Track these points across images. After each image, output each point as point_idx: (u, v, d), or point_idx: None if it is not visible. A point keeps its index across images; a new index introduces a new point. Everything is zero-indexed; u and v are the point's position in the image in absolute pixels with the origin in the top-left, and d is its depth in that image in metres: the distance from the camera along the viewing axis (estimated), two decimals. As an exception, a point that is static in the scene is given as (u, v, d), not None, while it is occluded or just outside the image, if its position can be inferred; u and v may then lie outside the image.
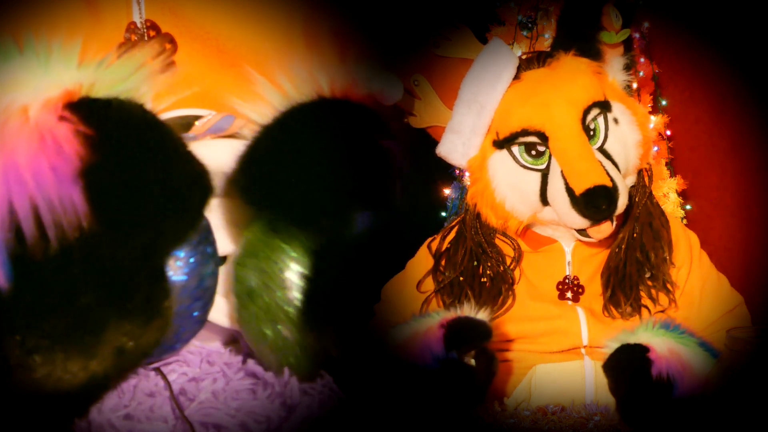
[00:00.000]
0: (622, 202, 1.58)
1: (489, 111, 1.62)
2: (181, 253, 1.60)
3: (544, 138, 1.59)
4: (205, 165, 1.57)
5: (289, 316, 1.64)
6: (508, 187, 1.62)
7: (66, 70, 1.46)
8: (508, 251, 1.69)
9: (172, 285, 1.57)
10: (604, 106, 1.62)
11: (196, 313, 1.65)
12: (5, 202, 1.39)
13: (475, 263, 1.68)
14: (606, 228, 1.58)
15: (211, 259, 1.66)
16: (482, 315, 1.52)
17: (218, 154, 1.72)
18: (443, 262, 1.70)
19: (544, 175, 1.60)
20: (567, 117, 1.58)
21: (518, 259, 1.68)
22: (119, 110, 1.48)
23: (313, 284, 1.62)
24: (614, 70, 1.66)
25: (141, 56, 1.53)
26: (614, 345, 1.48)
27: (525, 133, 1.60)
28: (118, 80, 1.49)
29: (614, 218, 1.58)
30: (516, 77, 1.63)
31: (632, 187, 1.66)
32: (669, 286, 1.66)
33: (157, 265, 1.55)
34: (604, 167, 1.56)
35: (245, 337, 1.70)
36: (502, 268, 1.67)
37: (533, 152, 1.60)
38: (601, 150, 1.60)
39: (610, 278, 1.66)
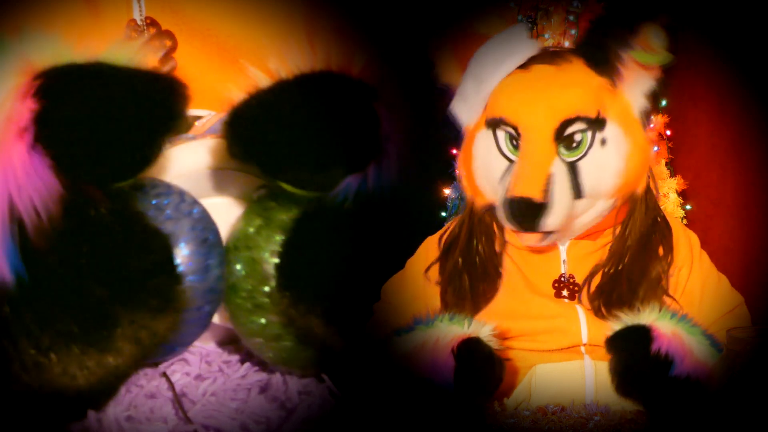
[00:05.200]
0: (551, 222, 1.55)
1: (486, 88, 1.62)
2: (183, 246, 1.62)
3: (518, 134, 1.59)
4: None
5: (275, 303, 1.64)
6: (481, 165, 1.63)
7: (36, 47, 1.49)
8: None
9: (181, 274, 1.60)
10: (595, 123, 1.59)
11: (206, 308, 1.66)
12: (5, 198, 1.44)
13: (474, 243, 1.68)
14: (529, 238, 1.59)
15: (214, 248, 1.67)
16: (489, 328, 1.54)
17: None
18: (445, 249, 1.71)
19: (511, 167, 1.60)
20: (542, 121, 1.57)
21: (503, 244, 1.68)
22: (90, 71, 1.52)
23: (296, 268, 1.63)
24: (635, 93, 1.62)
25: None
26: (618, 326, 1.52)
27: (503, 122, 1.60)
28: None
29: (549, 233, 1.57)
30: (525, 67, 1.62)
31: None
32: (669, 285, 1.66)
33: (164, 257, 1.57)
34: (548, 183, 1.55)
35: (238, 333, 1.70)
36: (496, 249, 1.68)
37: (514, 143, 1.60)
38: (572, 164, 1.59)
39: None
